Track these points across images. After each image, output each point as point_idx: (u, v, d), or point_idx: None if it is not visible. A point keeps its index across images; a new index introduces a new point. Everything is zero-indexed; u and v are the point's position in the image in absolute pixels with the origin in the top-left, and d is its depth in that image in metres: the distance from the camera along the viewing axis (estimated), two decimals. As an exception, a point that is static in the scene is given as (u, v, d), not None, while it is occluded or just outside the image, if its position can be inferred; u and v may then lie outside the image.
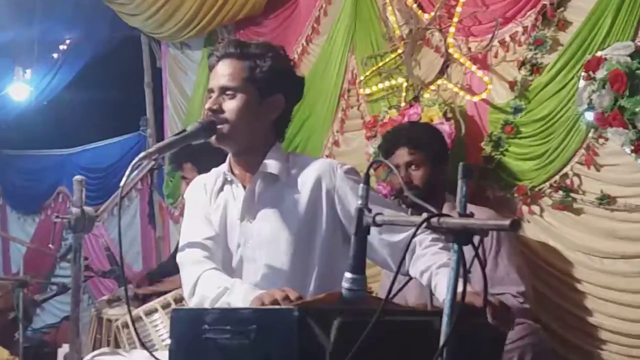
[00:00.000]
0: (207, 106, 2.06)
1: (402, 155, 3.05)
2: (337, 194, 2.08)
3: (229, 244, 2.12)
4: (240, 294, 1.88)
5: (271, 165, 2.10)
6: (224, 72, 2.08)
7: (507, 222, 1.20)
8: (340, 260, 2.06)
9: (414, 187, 2.98)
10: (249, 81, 2.07)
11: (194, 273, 2.03)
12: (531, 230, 3.17)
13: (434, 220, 1.35)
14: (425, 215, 1.36)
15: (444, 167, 3.06)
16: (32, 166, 7.93)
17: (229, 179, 2.15)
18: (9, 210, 8.17)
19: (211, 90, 2.10)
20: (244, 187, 2.12)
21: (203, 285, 2.00)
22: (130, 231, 6.29)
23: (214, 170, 2.22)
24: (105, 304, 3.56)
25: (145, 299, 3.42)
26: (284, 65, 2.16)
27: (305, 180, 2.10)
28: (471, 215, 1.34)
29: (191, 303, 2.03)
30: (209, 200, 2.16)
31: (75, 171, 2.10)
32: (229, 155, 2.17)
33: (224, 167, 2.18)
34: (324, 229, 2.07)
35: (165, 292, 3.25)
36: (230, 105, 2.05)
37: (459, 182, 1.36)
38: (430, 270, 1.88)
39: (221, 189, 2.16)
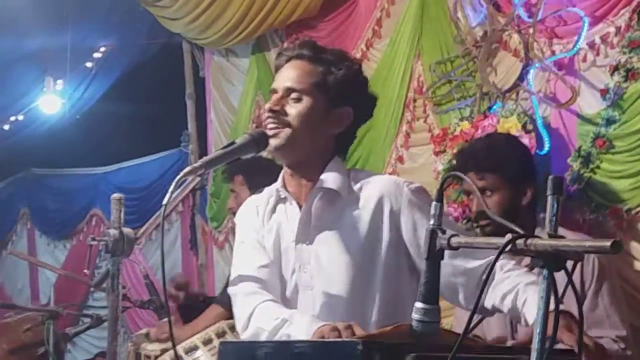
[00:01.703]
0: (267, 106, 2.08)
1: (472, 180, 2.97)
2: (403, 216, 2.07)
3: (283, 270, 2.13)
4: (302, 326, 1.89)
5: (330, 180, 2.11)
6: (292, 73, 2.10)
7: (607, 243, 1.17)
8: (406, 290, 2.06)
9: (486, 216, 2.89)
10: (319, 87, 2.09)
11: (249, 305, 2.05)
12: (629, 260, 3.09)
13: (519, 241, 1.32)
14: (509, 236, 1.34)
15: (529, 187, 2.93)
16: (63, 186, 8.08)
17: (282, 196, 2.16)
18: (38, 235, 8.33)
19: (274, 91, 2.12)
20: (300, 206, 2.12)
21: (259, 318, 2.01)
22: (169, 258, 6.34)
23: (266, 189, 2.24)
24: (144, 338, 3.60)
25: None
26: (358, 78, 2.19)
27: (368, 198, 2.10)
28: (563, 236, 1.31)
29: (245, 337, 2.04)
30: (262, 223, 2.18)
31: (110, 191, 2.14)
32: (283, 171, 2.18)
33: (277, 184, 2.19)
34: (385, 253, 2.06)
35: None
36: (295, 109, 2.07)
37: (549, 199, 1.34)
38: (517, 289, 1.85)
39: (274, 209, 2.18)
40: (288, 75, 2.10)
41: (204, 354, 3.13)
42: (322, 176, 2.11)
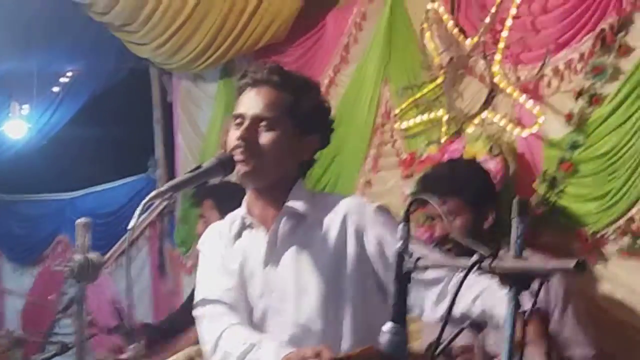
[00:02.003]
0: (238, 134, 2.06)
1: (427, 208, 3.01)
2: (367, 234, 2.08)
3: (249, 295, 2.11)
4: (270, 352, 1.88)
5: (296, 203, 2.11)
6: (260, 100, 2.08)
7: (571, 263, 1.19)
8: (375, 308, 2.07)
9: (450, 240, 2.89)
10: (289, 116, 2.09)
11: (217, 329, 2.04)
12: (594, 282, 3.11)
13: (485, 263, 1.33)
14: (476, 256, 1.35)
15: (490, 211, 2.98)
16: (29, 212, 8.01)
17: (247, 223, 2.16)
18: (4, 261, 8.23)
19: (240, 117, 2.10)
20: (266, 230, 2.12)
21: (226, 342, 2.00)
22: (138, 284, 6.29)
23: (228, 215, 2.24)
24: (110, 365, 3.55)
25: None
26: (324, 105, 2.23)
27: (333, 219, 2.11)
28: (527, 258, 1.32)
29: None
30: (225, 248, 2.17)
31: (77, 217, 2.12)
32: (246, 197, 2.18)
33: (240, 211, 2.19)
34: (354, 274, 2.07)
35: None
36: (267, 138, 2.06)
37: (514, 221, 1.35)
38: (486, 291, 1.86)
39: (238, 235, 2.18)
40: (257, 103, 2.08)
41: (175, 380, 3.10)
42: (288, 199, 2.12)
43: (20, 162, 7.38)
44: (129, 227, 1.90)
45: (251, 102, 2.09)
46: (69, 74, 6.73)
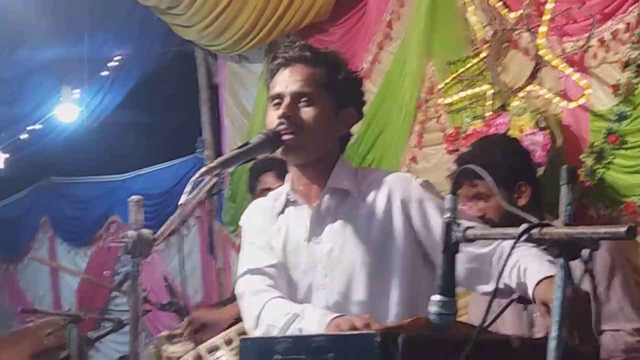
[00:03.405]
0: (280, 112, 2.07)
1: (466, 190, 2.91)
2: (413, 208, 2.08)
3: (293, 271, 2.12)
4: (314, 320, 1.88)
5: (340, 179, 2.12)
6: (297, 77, 2.10)
7: (622, 228, 1.17)
8: (422, 283, 2.06)
9: (488, 221, 2.84)
10: (326, 90, 2.11)
11: (258, 303, 2.04)
12: (641, 254, 3.07)
13: (534, 231, 1.32)
14: (524, 225, 1.33)
15: (524, 187, 2.90)
16: (82, 194, 8.14)
17: (291, 199, 2.17)
18: (59, 242, 8.38)
19: (278, 97, 2.11)
20: (310, 207, 2.13)
21: (269, 314, 2.00)
22: (188, 263, 6.37)
23: (271, 193, 2.26)
24: (165, 340, 3.59)
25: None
26: (357, 78, 2.23)
27: (377, 194, 2.11)
28: (578, 225, 1.31)
29: (257, 334, 2.03)
30: (269, 224, 2.18)
31: (128, 198, 2.15)
32: (290, 173, 2.19)
33: (284, 188, 2.20)
34: (400, 247, 2.07)
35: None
36: (308, 114, 2.07)
37: (563, 188, 1.34)
38: (519, 262, 1.84)
39: (282, 211, 2.18)
40: (293, 80, 2.10)
41: (226, 353, 3.12)
42: (332, 176, 2.12)
43: (72, 145, 7.48)
44: (180, 202, 1.92)
45: (287, 81, 2.10)
46: (118, 58, 6.79)
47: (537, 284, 1.75)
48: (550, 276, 1.71)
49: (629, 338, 2.67)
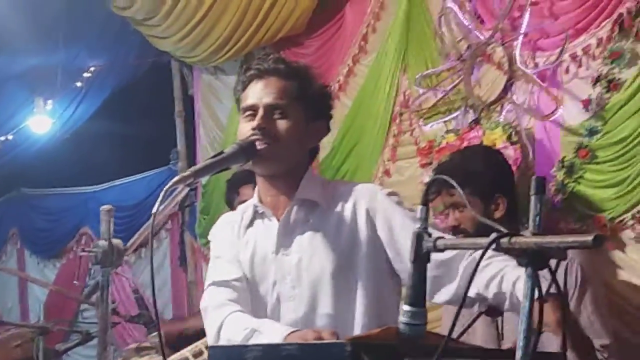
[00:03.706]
0: (255, 123, 2.08)
1: (443, 198, 2.94)
2: (379, 219, 2.10)
3: (262, 283, 2.12)
4: (272, 334, 1.88)
5: (308, 191, 2.14)
6: (271, 89, 2.12)
7: (589, 237, 1.18)
8: (387, 293, 2.09)
9: (462, 231, 2.89)
10: (298, 102, 2.13)
11: (218, 317, 2.05)
12: (612, 268, 3.10)
13: (504, 240, 1.33)
14: (494, 235, 1.35)
15: (500, 200, 2.91)
16: (52, 206, 8.06)
17: (259, 212, 2.18)
18: (28, 254, 8.30)
19: (251, 108, 2.12)
20: (277, 219, 2.14)
21: (228, 329, 2.01)
22: (159, 275, 6.34)
23: (240, 206, 2.27)
24: (133, 352, 3.58)
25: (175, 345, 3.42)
26: (328, 92, 2.27)
27: (345, 205, 2.13)
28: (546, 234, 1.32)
29: None
30: (237, 237, 2.19)
31: (99, 210, 2.11)
32: (258, 185, 2.20)
33: (252, 201, 2.22)
34: (366, 257, 2.08)
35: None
36: (282, 125, 2.09)
37: (532, 199, 1.35)
38: (502, 272, 1.85)
39: (250, 224, 2.20)
40: (267, 92, 2.12)
41: (195, 365, 3.11)
42: (300, 187, 2.14)
43: (44, 156, 7.42)
44: (153, 211, 1.92)
45: (261, 93, 2.12)
46: (92, 68, 6.76)
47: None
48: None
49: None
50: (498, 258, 1.88)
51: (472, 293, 1.91)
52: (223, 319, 2.03)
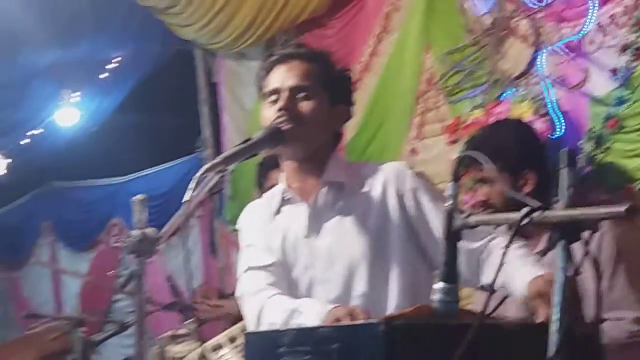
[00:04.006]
0: (279, 105, 2.10)
1: (474, 173, 2.91)
2: (408, 198, 2.11)
3: (294, 268, 2.13)
4: (312, 314, 1.90)
5: (336, 173, 2.15)
6: (293, 72, 2.14)
7: (622, 208, 1.18)
8: (420, 273, 2.10)
9: (489, 206, 2.86)
10: (322, 84, 2.14)
11: (257, 302, 2.06)
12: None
13: (536, 214, 1.33)
14: (525, 209, 1.35)
15: (529, 174, 2.87)
16: (83, 198, 8.16)
17: (286, 198, 2.19)
18: (60, 247, 8.40)
19: (275, 92, 2.13)
20: (306, 204, 2.15)
21: (268, 313, 2.02)
22: (190, 262, 6.38)
23: (266, 194, 2.29)
24: (169, 340, 3.61)
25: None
26: (349, 76, 2.28)
27: (373, 186, 2.14)
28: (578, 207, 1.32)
29: None
30: (266, 225, 2.20)
31: (129, 201, 2.13)
32: (285, 171, 2.21)
33: (278, 188, 2.23)
34: (398, 237, 2.09)
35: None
36: (307, 106, 2.11)
37: (562, 172, 1.35)
38: (507, 264, 1.86)
39: (278, 211, 2.20)
40: (290, 75, 2.13)
41: (230, 351, 3.14)
42: (327, 170, 2.15)
43: (72, 149, 7.50)
44: (184, 199, 1.94)
45: (285, 76, 2.14)
46: (116, 59, 6.80)
47: (532, 281, 1.78)
48: (542, 275, 1.76)
49: (632, 327, 2.67)
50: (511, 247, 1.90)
51: (486, 281, 1.97)
52: (263, 304, 2.04)
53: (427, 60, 4.05)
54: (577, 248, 1.33)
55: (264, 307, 2.03)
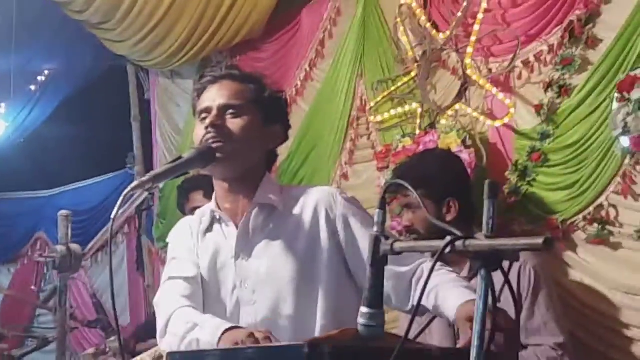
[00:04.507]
0: (208, 121, 2.09)
1: (400, 199, 3.03)
2: (338, 223, 2.12)
3: (222, 288, 2.13)
4: (209, 329, 1.90)
5: (267, 195, 2.14)
6: (224, 91, 2.13)
7: (539, 240, 1.22)
8: (347, 296, 2.10)
9: (413, 232, 2.96)
10: (254, 104, 2.14)
11: (167, 312, 2.06)
12: (564, 269, 3.17)
13: (458, 243, 1.37)
14: (448, 238, 1.38)
15: (452, 203, 2.96)
16: (7, 210, 7.96)
17: (217, 217, 2.18)
18: (-19, 259, 8.18)
19: (206, 111, 2.13)
20: (235, 225, 2.14)
21: (174, 324, 2.02)
22: (116, 280, 6.29)
23: (198, 211, 2.26)
24: (91, 357, 3.56)
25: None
26: (283, 98, 2.28)
27: (303, 210, 2.14)
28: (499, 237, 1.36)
29: (163, 344, 2.05)
30: (196, 242, 2.19)
31: (55, 215, 2.09)
32: (216, 191, 2.20)
33: (209, 206, 2.21)
34: (326, 261, 2.10)
35: None
36: (236, 124, 2.10)
37: (486, 203, 1.39)
38: (437, 287, 1.91)
39: (209, 229, 2.19)
40: (221, 94, 2.13)
41: (153, 370, 3.10)
42: (259, 192, 2.14)
43: (-3, 160, 7.34)
44: (112, 216, 1.92)
45: (215, 95, 2.13)
46: (46, 72, 6.70)
47: (462, 305, 1.81)
48: (474, 300, 1.78)
49: (550, 353, 2.74)
50: (440, 272, 1.96)
51: (415, 303, 1.96)
52: (171, 313, 2.04)
53: (359, 88, 4.11)
54: (497, 277, 1.37)
55: (172, 317, 2.03)
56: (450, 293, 1.88)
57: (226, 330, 1.86)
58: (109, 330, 3.62)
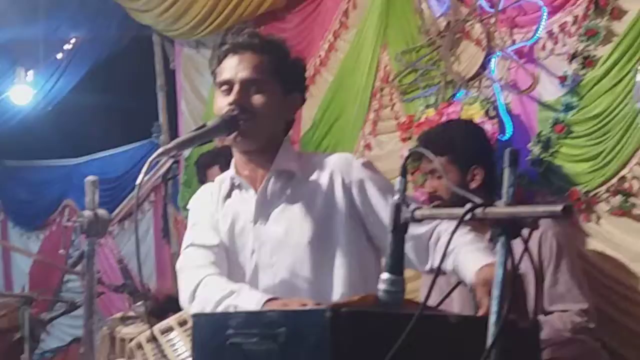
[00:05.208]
0: (230, 99, 2.09)
1: (424, 164, 3.06)
2: (355, 188, 2.13)
3: (241, 253, 2.15)
4: (253, 298, 1.92)
5: (285, 162, 2.16)
6: (246, 64, 2.13)
7: (558, 207, 1.23)
8: (366, 262, 2.13)
9: (438, 197, 2.97)
10: (274, 75, 2.14)
11: (195, 277, 2.08)
12: (586, 240, 3.17)
13: (478, 210, 1.38)
14: (468, 205, 1.39)
15: (478, 171, 2.97)
16: (35, 178, 8.04)
17: (236, 184, 2.20)
18: (11, 226, 8.28)
19: (227, 83, 2.13)
20: (255, 190, 2.17)
21: (205, 289, 2.04)
22: (142, 247, 6.35)
23: (217, 178, 2.29)
24: (119, 321, 3.61)
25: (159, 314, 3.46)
26: (302, 64, 2.28)
27: (320, 175, 2.16)
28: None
29: (191, 309, 2.06)
30: (216, 208, 2.21)
31: (82, 183, 2.10)
32: (235, 158, 2.22)
33: (229, 173, 2.23)
34: (343, 226, 2.11)
35: None
36: (259, 100, 2.10)
37: (505, 171, 1.39)
38: (455, 250, 1.92)
39: (228, 195, 2.22)
40: (242, 67, 2.12)
41: (179, 334, 3.14)
42: (277, 159, 2.16)
43: (25, 128, 7.38)
44: (137, 182, 1.95)
45: (237, 68, 2.13)
46: (73, 40, 6.72)
47: (480, 269, 1.82)
48: (491, 263, 1.79)
49: (575, 318, 2.76)
50: (458, 233, 1.91)
51: (435, 265, 1.99)
52: (201, 279, 2.06)
53: (383, 58, 4.10)
54: (517, 244, 1.38)
55: (201, 283, 2.05)
56: (468, 257, 1.89)
57: (268, 300, 1.89)
58: (136, 295, 3.66)
